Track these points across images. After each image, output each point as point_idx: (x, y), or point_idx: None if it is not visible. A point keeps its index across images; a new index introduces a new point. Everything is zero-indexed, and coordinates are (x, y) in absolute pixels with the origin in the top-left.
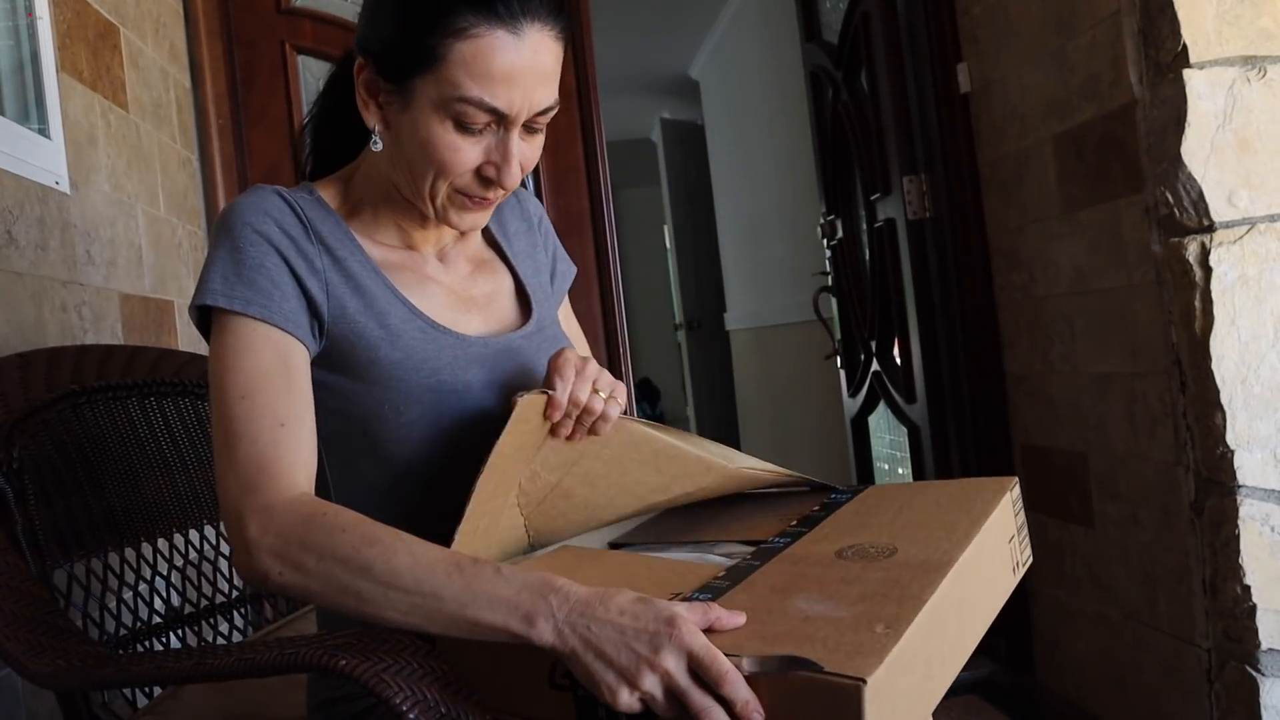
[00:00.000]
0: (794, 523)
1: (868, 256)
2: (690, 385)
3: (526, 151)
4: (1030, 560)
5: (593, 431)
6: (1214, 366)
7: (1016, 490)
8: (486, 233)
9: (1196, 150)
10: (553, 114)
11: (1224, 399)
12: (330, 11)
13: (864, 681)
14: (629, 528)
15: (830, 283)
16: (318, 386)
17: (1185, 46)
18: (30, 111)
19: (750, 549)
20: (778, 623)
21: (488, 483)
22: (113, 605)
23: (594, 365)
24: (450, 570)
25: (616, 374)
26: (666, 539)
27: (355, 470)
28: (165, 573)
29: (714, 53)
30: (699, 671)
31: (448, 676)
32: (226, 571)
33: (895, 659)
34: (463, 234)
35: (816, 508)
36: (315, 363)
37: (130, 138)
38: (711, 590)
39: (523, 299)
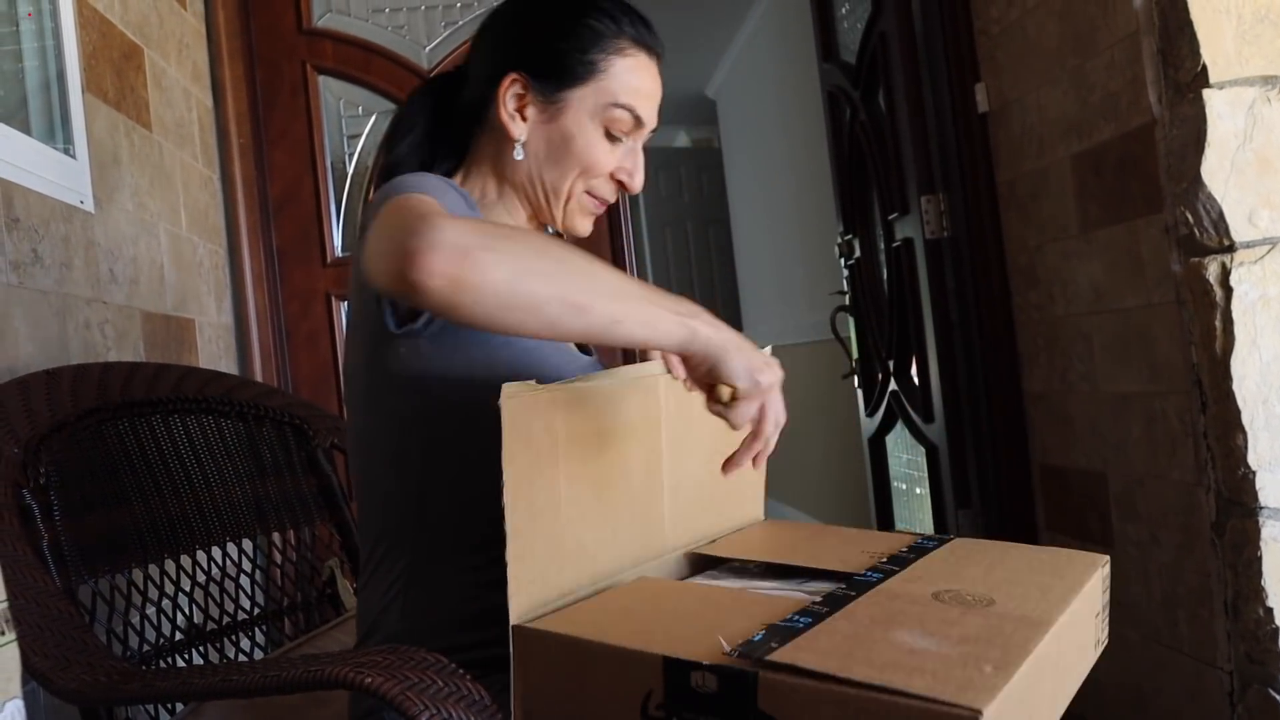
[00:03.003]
0: (884, 559)
1: (885, 276)
2: None
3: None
4: (1106, 642)
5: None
6: (1235, 387)
7: (1107, 568)
8: None
9: (1216, 170)
10: (652, 138)
11: (1245, 420)
12: (351, 32)
13: (980, 713)
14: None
15: (848, 302)
16: (439, 357)
17: (1205, 66)
18: (56, 131)
19: (841, 583)
20: (882, 651)
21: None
22: (136, 621)
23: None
24: (630, 277)
25: None
26: (749, 569)
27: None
28: (188, 589)
29: (731, 72)
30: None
31: (473, 695)
32: (248, 589)
33: (1006, 699)
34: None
35: (904, 549)
36: (443, 335)
37: (153, 157)
38: (811, 615)
39: None
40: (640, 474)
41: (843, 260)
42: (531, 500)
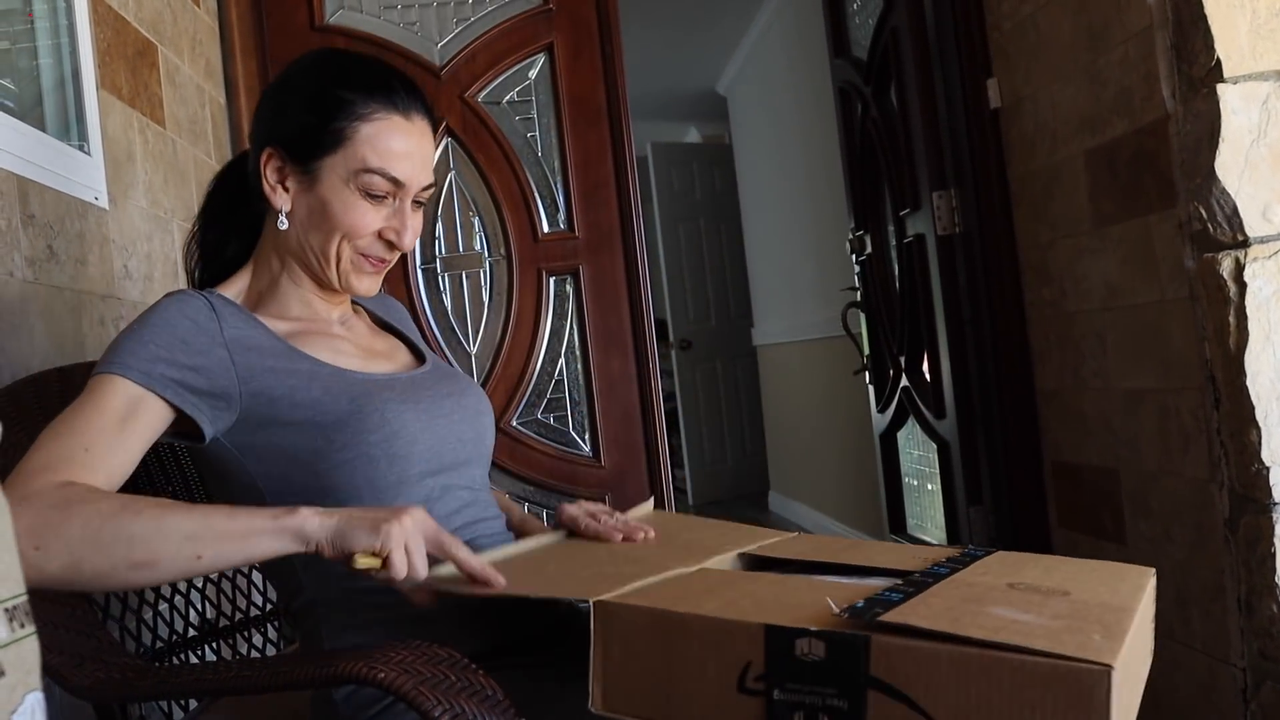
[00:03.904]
0: (943, 560)
1: (897, 272)
2: (681, 405)
3: (414, 223)
4: (1152, 655)
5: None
6: (1248, 383)
7: (1154, 579)
8: (373, 316)
9: (1230, 165)
10: (431, 193)
11: (1259, 415)
12: (363, 29)
13: (1113, 667)
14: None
15: (859, 298)
16: (252, 449)
17: (1219, 61)
18: (71, 128)
19: (912, 574)
20: (988, 620)
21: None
22: (149, 617)
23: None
24: (215, 506)
25: (646, 387)
26: (807, 567)
27: None
28: (200, 585)
29: (742, 68)
30: (435, 545)
31: (486, 690)
32: (261, 585)
33: (1123, 663)
34: (355, 302)
35: (956, 555)
36: (241, 426)
37: (167, 154)
38: (901, 593)
39: (415, 353)
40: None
41: (854, 256)
42: None
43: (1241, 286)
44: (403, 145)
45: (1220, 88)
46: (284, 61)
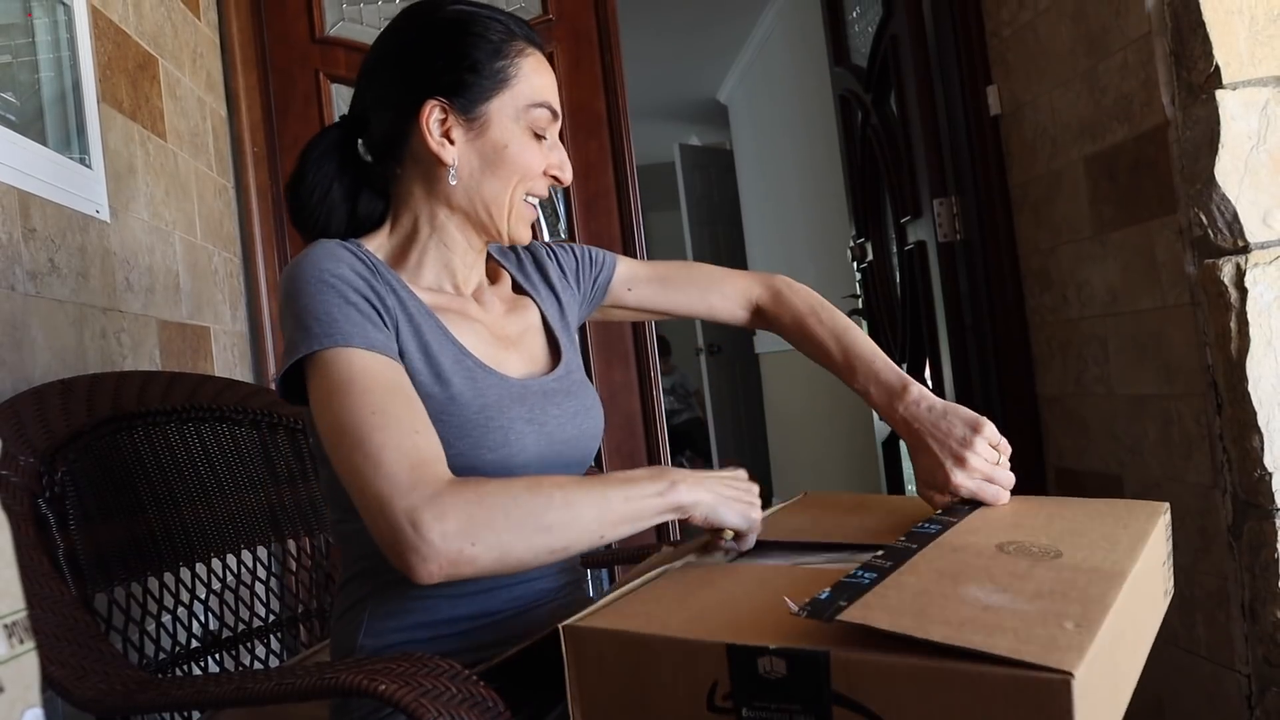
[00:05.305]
0: (937, 511)
1: (898, 279)
2: (711, 408)
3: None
4: (1173, 592)
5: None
6: (1250, 388)
7: (1169, 516)
8: (512, 281)
9: (1230, 171)
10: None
11: (1261, 421)
12: (363, 40)
13: (1073, 676)
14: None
15: (861, 305)
16: None
17: (1218, 67)
18: (72, 141)
19: (898, 540)
20: (956, 609)
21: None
22: (152, 629)
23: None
24: (598, 479)
25: (648, 396)
26: (791, 547)
27: None
28: (203, 597)
29: (742, 77)
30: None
31: (486, 701)
32: (263, 596)
33: (1093, 659)
34: (501, 265)
35: (958, 502)
36: None
37: (168, 166)
38: (876, 569)
39: (550, 339)
40: None
41: (855, 264)
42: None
43: (1243, 292)
44: (549, 78)
45: (1219, 94)
46: (285, 73)
